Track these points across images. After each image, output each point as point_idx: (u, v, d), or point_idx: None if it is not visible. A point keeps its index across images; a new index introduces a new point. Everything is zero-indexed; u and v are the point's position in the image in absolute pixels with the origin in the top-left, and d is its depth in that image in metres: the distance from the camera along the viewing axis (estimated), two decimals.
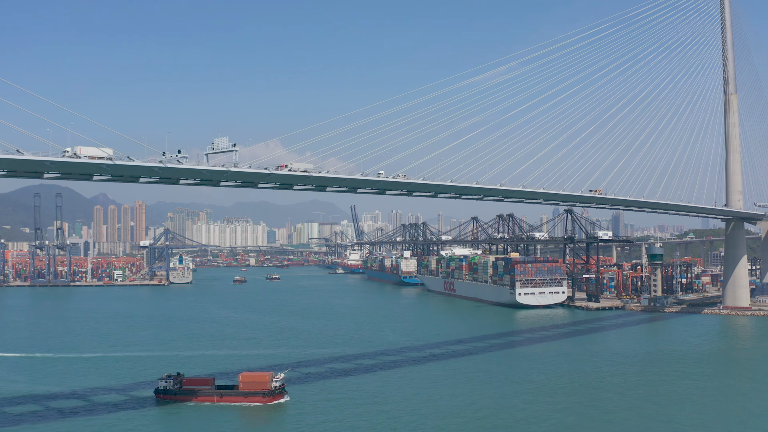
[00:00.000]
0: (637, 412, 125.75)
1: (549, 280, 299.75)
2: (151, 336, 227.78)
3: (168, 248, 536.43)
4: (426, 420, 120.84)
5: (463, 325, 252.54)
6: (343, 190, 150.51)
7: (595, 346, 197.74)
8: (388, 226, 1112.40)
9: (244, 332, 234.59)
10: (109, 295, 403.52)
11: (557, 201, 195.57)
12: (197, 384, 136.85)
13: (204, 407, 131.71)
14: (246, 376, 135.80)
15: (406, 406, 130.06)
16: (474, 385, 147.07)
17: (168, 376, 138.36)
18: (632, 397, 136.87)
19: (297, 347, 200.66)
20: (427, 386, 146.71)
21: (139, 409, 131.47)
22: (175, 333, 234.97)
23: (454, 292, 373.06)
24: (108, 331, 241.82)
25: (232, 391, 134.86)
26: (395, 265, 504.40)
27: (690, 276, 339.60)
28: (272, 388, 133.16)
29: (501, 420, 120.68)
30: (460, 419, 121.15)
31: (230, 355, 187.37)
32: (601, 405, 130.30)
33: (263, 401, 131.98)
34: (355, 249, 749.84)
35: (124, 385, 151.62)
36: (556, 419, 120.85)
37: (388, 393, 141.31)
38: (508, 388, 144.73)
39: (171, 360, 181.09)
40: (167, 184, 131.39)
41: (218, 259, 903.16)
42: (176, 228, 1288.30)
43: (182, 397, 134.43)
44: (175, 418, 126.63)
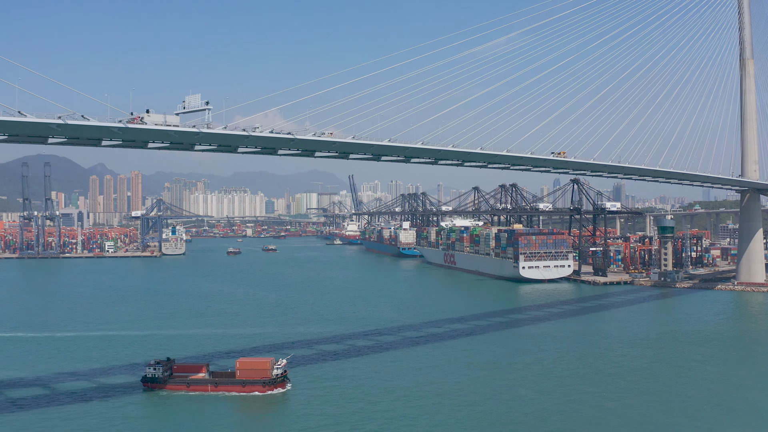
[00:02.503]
0: (657, 404, 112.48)
1: (554, 253, 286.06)
2: (135, 312, 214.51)
3: (161, 219, 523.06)
4: (426, 413, 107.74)
5: (464, 301, 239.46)
6: (334, 156, 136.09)
7: (605, 326, 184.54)
8: (387, 196, 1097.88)
9: (233, 308, 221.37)
10: (98, 267, 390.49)
11: (567, 169, 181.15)
12: (189, 371, 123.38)
13: (197, 398, 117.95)
14: (244, 363, 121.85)
15: (406, 397, 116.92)
16: (476, 371, 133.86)
17: (156, 362, 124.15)
18: (649, 386, 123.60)
19: (289, 325, 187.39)
20: (426, 373, 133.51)
21: (122, 400, 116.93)
22: (160, 309, 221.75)
23: (454, 264, 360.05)
24: (88, 306, 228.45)
25: (228, 379, 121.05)
26: (394, 237, 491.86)
27: (699, 249, 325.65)
28: (273, 376, 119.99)
29: (505, 415, 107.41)
30: (463, 413, 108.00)
31: (216, 335, 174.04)
32: (615, 395, 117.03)
33: (263, 391, 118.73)
34: (353, 219, 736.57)
35: (103, 370, 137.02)
36: (566, 413, 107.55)
37: (387, 382, 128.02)
38: (513, 374, 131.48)
39: (154, 340, 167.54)
40: (138, 149, 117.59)
41: (214, 230, 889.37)
42: (173, 198, 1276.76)
43: (173, 386, 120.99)
44: (165, 411, 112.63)
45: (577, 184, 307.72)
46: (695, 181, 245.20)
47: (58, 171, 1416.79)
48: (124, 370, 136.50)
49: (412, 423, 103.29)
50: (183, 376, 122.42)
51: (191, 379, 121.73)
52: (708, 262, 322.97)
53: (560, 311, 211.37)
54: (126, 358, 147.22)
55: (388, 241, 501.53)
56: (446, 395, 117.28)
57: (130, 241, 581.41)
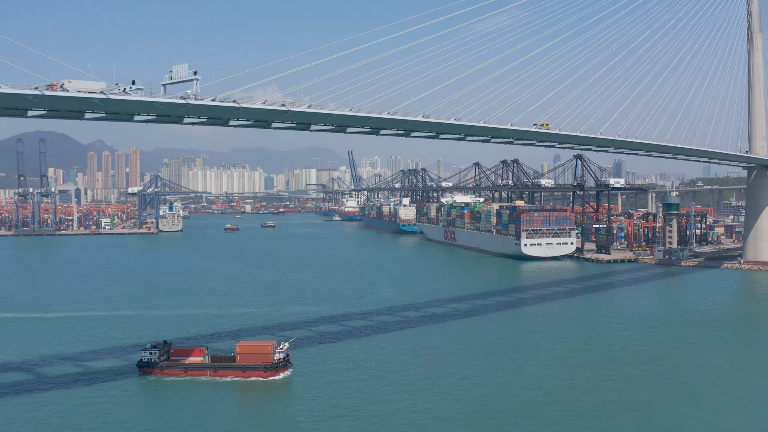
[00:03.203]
0: (662, 392, 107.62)
1: (557, 230, 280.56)
2: (128, 291, 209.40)
3: (157, 195, 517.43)
4: (425, 404, 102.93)
5: (465, 280, 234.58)
6: (331, 129, 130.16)
7: (610, 306, 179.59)
8: (386, 172, 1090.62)
9: (229, 287, 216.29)
10: (94, 244, 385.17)
11: (572, 144, 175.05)
12: (187, 355, 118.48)
13: (195, 383, 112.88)
14: (244, 347, 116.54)
15: (404, 384, 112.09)
16: (478, 355, 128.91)
17: (153, 345, 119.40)
18: (656, 373, 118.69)
19: (286, 305, 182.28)
20: (426, 356, 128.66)
21: (116, 385, 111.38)
22: (154, 287, 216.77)
23: (454, 241, 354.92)
24: (80, 285, 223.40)
25: (228, 363, 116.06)
26: (393, 213, 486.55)
27: (703, 227, 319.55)
28: (275, 360, 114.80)
29: (507, 403, 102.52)
30: (462, 404, 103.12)
31: (210, 315, 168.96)
32: (622, 382, 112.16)
33: (265, 376, 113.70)
34: (352, 195, 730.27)
35: (94, 354, 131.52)
36: (569, 402, 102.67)
37: (386, 364, 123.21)
38: (515, 358, 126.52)
39: (147, 321, 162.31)
40: (124, 121, 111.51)
41: (213, 206, 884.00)
42: (172, 174, 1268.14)
43: (170, 371, 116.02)
44: (161, 398, 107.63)
45: (580, 160, 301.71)
46: (702, 157, 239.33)
47: (57, 147, 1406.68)
48: (117, 354, 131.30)
49: (414, 412, 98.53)
50: (180, 360, 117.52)
51: (189, 363, 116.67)
52: (713, 240, 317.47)
53: (564, 290, 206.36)
54: (118, 340, 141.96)
55: (388, 217, 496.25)
56: (447, 382, 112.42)
57: (127, 217, 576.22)
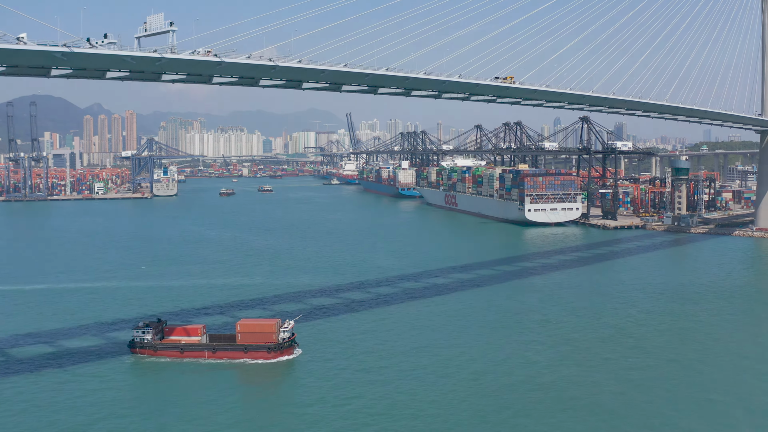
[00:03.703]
0: (677, 380, 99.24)
1: (562, 195, 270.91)
2: (115, 260, 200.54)
3: (152, 159, 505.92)
4: (425, 395, 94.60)
5: (467, 247, 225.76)
6: (325, 87, 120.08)
7: (620, 276, 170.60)
8: (385, 135, 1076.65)
9: (220, 255, 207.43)
10: (85, 210, 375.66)
11: (583, 104, 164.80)
12: (183, 334, 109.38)
13: (192, 366, 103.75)
14: (246, 326, 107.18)
15: (404, 370, 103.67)
16: (482, 332, 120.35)
17: (145, 324, 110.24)
18: (669, 355, 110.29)
19: (281, 275, 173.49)
20: (426, 336, 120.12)
21: (105, 368, 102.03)
22: (142, 256, 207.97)
23: (455, 206, 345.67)
24: (65, 254, 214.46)
25: (228, 344, 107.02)
26: (392, 177, 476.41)
27: (711, 192, 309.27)
28: (279, 340, 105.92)
29: (514, 387, 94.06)
30: (460, 396, 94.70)
31: (199, 286, 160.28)
32: (641, 363, 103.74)
33: (268, 357, 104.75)
34: (351, 159, 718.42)
35: (79, 332, 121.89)
36: (585, 385, 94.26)
37: (394, 348, 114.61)
38: (519, 338, 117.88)
39: (134, 293, 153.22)
40: (96, 78, 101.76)
41: (209, 170, 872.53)
42: (169, 138, 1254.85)
43: (164, 352, 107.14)
44: (155, 382, 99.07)
45: (586, 123, 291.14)
46: (716, 120, 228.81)
47: (54, 111, 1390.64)
48: (103, 332, 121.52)
49: (420, 398, 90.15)
50: (176, 340, 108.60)
51: (185, 344, 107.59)
52: (721, 206, 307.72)
53: (570, 259, 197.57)
54: (104, 316, 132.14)
55: (387, 181, 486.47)
56: (450, 365, 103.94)
57: (121, 182, 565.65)
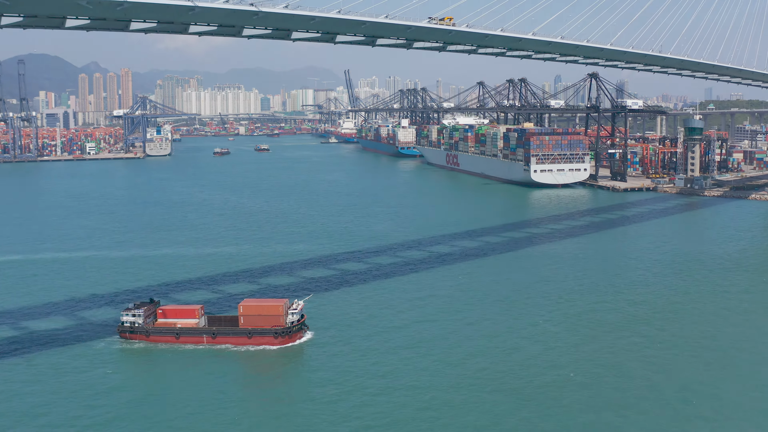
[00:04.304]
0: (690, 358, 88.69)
1: (569, 155, 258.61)
2: (97, 227, 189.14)
3: (144, 117, 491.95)
4: (427, 383, 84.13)
5: (470, 211, 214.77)
6: (316, 38, 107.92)
7: (633, 244, 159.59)
8: (385, 92, 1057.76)
9: (209, 220, 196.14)
10: (75, 171, 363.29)
11: (599, 58, 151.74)
12: (178, 316, 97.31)
13: (189, 354, 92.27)
14: (250, 307, 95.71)
15: (429, 358, 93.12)
16: (489, 309, 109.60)
17: (136, 305, 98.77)
18: (682, 333, 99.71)
19: (274, 242, 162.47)
20: (432, 314, 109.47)
21: (90, 357, 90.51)
22: (126, 222, 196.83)
23: (457, 166, 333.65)
24: (44, 220, 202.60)
25: (230, 328, 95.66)
26: (392, 135, 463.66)
27: (722, 153, 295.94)
28: (288, 323, 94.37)
29: (516, 379, 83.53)
30: (477, 377, 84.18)
31: (184, 256, 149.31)
32: (666, 348, 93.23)
33: (275, 343, 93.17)
34: (349, 117, 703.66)
35: (57, 313, 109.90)
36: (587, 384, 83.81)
37: (410, 333, 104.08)
38: (525, 319, 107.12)
39: (117, 265, 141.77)
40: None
41: (206, 129, 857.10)
42: (165, 96, 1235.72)
43: (158, 338, 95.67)
44: (147, 372, 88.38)
45: (595, 80, 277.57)
46: (724, 75, 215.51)
47: (50, 70, 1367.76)
48: (87, 313, 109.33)
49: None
50: (170, 324, 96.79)
51: (182, 327, 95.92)
52: (733, 167, 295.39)
53: (580, 224, 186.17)
54: (85, 294, 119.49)
55: (386, 139, 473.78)
56: (457, 348, 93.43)
57: (115, 141, 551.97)
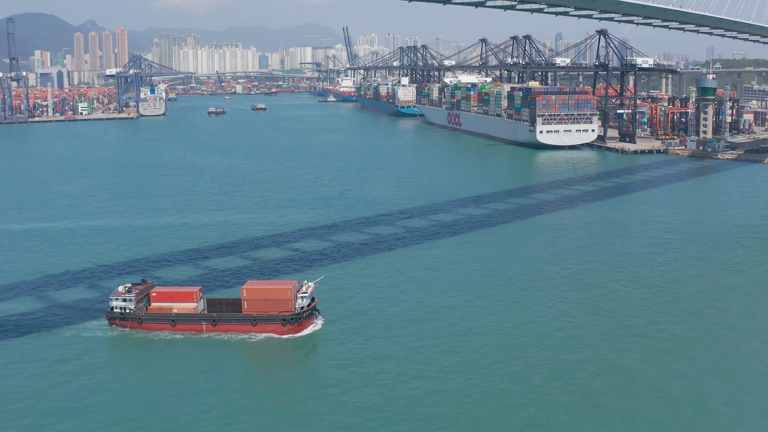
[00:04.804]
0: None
1: (577, 115, 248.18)
2: (78, 193, 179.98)
3: (138, 76, 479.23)
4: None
5: (474, 174, 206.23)
6: None
7: (646, 212, 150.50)
8: (384, 50, 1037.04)
9: (201, 185, 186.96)
10: (65, 133, 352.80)
11: (616, 13, 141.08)
12: (174, 300, 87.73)
13: (187, 343, 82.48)
14: (254, 290, 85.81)
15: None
16: (497, 287, 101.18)
17: (127, 288, 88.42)
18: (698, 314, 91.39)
19: (267, 209, 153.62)
20: (432, 293, 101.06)
21: (73, 348, 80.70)
22: (113, 187, 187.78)
23: (459, 126, 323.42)
24: (22, 186, 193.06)
25: (232, 314, 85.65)
26: (391, 94, 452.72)
27: (733, 113, 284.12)
28: (297, 309, 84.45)
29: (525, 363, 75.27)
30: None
31: (170, 225, 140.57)
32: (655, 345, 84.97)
33: (283, 332, 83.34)
34: (348, 75, 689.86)
35: (34, 293, 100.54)
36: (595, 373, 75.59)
37: (418, 317, 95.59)
38: (531, 300, 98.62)
39: (101, 236, 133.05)
40: None
41: (202, 87, 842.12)
42: (162, 55, 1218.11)
43: (151, 325, 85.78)
44: (139, 366, 78.55)
45: (604, 37, 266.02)
46: (730, 30, 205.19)
47: (46, 29, 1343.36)
48: (69, 294, 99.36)
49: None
50: (166, 308, 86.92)
51: (178, 313, 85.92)
52: (744, 129, 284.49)
53: (588, 190, 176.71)
54: (67, 271, 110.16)
55: (385, 98, 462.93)
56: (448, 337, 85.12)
57: (109, 101, 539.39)
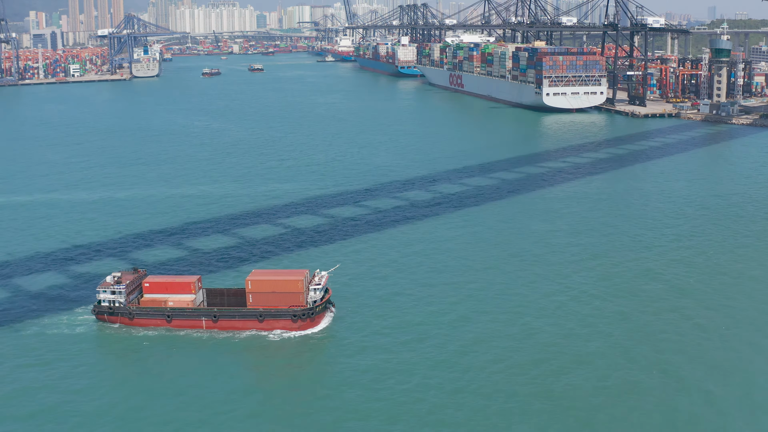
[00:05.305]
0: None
1: (585, 77, 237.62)
2: (63, 161, 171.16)
3: (131, 36, 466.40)
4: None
5: (477, 138, 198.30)
6: None
7: (664, 183, 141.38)
8: (383, 8, 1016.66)
9: (192, 151, 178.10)
10: (55, 96, 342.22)
11: None
12: (170, 291, 78.03)
13: (184, 342, 73.04)
14: (260, 282, 75.98)
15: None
16: (507, 267, 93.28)
17: (116, 279, 77.78)
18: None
19: (260, 180, 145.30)
20: (439, 275, 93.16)
21: (55, 350, 71.10)
22: (100, 155, 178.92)
23: (461, 87, 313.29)
24: (2, 153, 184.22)
25: (235, 309, 76.23)
26: (391, 54, 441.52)
27: (745, 76, 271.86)
28: (309, 303, 75.09)
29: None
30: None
31: (153, 197, 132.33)
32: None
33: (295, 329, 74.37)
34: (346, 34, 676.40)
35: (7, 282, 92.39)
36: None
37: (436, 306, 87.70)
38: (544, 281, 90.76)
39: (80, 210, 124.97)
40: None
41: (198, 47, 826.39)
42: (159, 14, 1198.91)
43: (145, 321, 76.35)
44: (132, 374, 68.13)
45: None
46: None
47: None
48: (44, 280, 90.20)
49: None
50: (160, 301, 77.12)
51: (174, 307, 76.43)
52: (756, 91, 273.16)
53: (600, 158, 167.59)
54: (44, 254, 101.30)
55: (385, 58, 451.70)
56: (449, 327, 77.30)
57: (102, 63, 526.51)
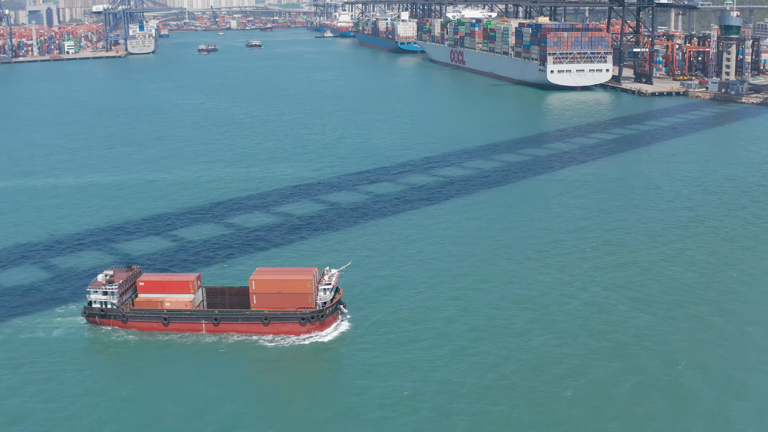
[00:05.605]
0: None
1: (590, 54, 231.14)
2: (50, 143, 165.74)
3: (126, 12, 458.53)
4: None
5: (479, 118, 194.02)
6: None
7: (674, 167, 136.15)
8: None
9: (185, 132, 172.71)
10: (48, 73, 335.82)
11: None
12: (167, 291, 72.61)
13: (183, 348, 67.97)
14: (265, 281, 70.69)
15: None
16: (518, 261, 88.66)
17: (109, 277, 72.18)
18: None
19: (258, 162, 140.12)
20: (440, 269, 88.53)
21: (40, 362, 65.87)
22: (88, 135, 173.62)
23: (463, 64, 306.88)
24: None
25: (238, 311, 70.94)
26: (391, 29, 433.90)
27: (752, 53, 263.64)
28: (318, 304, 69.75)
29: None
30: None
31: (140, 182, 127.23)
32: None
33: (302, 332, 68.97)
34: (345, 9, 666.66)
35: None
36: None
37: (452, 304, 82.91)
38: (546, 273, 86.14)
39: (67, 198, 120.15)
40: None
41: (196, 23, 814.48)
42: None
43: (139, 324, 70.94)
44: (123, 382, 63.12)
45: None
46: None
47: None
48: (28, 277, 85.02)
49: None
50: (156, 301, 71.73)
51: (172, 309, 71.03)
52: (765, 69, 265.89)
53: (607, 138, 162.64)
54: (23, 239, 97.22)
55: (385, 34, 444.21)
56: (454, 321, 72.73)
57: (97, 39, 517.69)
